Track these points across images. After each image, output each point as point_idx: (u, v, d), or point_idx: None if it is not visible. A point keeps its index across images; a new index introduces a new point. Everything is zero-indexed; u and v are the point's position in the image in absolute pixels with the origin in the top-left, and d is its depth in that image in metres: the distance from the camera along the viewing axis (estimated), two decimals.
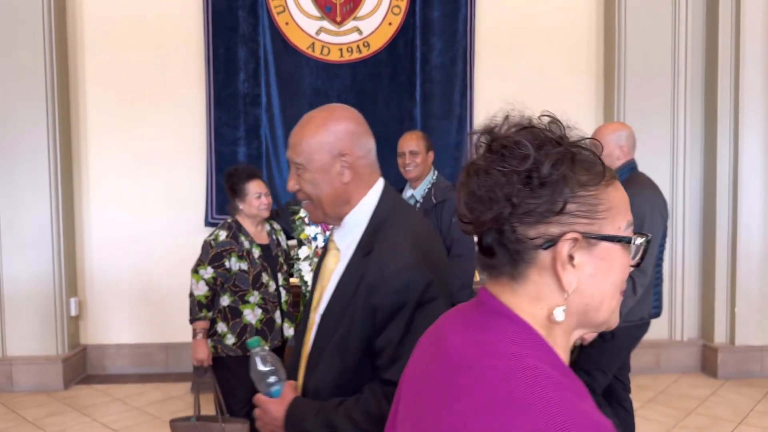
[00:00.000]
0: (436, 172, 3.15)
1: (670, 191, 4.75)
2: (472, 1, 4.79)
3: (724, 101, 4.65)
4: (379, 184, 1.47)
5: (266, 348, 1.45)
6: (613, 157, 2.73)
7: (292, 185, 1.45)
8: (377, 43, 4.80)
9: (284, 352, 3.10)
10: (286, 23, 4.76)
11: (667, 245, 4.76)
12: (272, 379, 1.44)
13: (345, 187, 1.41)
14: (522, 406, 0.70)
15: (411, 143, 3.06)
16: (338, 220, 1.46)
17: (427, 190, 3.06)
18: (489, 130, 0.87)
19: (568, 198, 0.78)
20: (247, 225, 2.94)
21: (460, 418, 0.74)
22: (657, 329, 4.81)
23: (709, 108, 4.78)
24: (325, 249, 1.53)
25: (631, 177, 2.69)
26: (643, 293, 2.54)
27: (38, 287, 4.53)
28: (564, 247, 0.79)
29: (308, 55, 4.78)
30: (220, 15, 4.70)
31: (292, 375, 1.50)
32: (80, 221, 4.84)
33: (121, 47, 4.77)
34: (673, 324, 4.81)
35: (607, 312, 0.84)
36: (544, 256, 0.80)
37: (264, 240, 3.00)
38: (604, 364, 2.63)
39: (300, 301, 3.12)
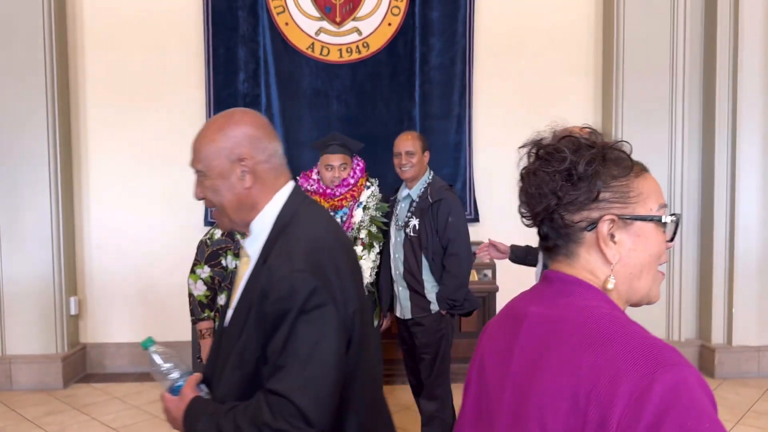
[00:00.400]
0: (431, 172, 3.16)
1: (667, 191, 4.77)
2: (472, 2, 4.80)
3: (722, 101, 4.66)
4: (287, 187, 1.44)
5: (161, 346, 1.45)
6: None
7: (197, 193, 1.44)
8: (377, 44, 4.82)
9: None
10: (286, 23, 4.78)
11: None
12: (174, 375, 1.43)
13: (248, 193, 1.39)
14: (632, 334, 0.92)
15: (407, 144, 3.07)
16: (245, 226, 1.43)
17: (423, 189, 3.07)
18: (536, 142, 1.06)
19: (602, 188, 0.99)
20: None
21: (600, 359, 0.88)
22: (655, 329, 4.83)
23: (707, 108, 4.79)
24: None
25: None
26: None
27: (38, 286, 4.54)
28: (603, 227, 0.99)
29: (308, 56, 4.79)
30: (220, 15, 4.71)
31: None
32: (80, 220, 4.86)
33: (121, 47, 4.79)
34: (670, 324, 4.82)
35: (648, 281, 1.03)
36: (589, 236, 1.01)
37: None
38: None
39: None
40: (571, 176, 0.99)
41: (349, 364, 1.34)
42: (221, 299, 2.85)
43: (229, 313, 1.44)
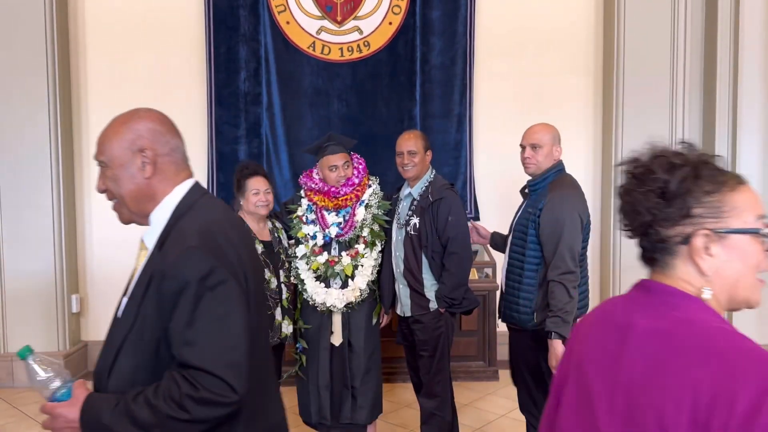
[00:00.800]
0: (433, 171, 3.17)
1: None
2: (472, 2, 4.81)
3: (722, 102, 4.67)
4: (187, 182, 1.47)
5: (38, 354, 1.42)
6: (551, 156, 2.74)
7: (99, 185, 1.48)
8: (377, 43, 4.83)
9: (284, 349, 3.13)
10: (287, 22, 4.79)
11: None
12: (56, 383, 1.37)
13: (147, 183, 1.42)
14: (744, 350, 0.96)
15: (409, 143, 3.08)
16: (144, 218, 1.46)
17: (424, 188, 3.08)
18: (632, 160, 1.15)
19: (694, 204, 1.04)
20: (249, 221, 2.96)
21: (717, 371, 0.92)
22: None
23: (707, 108, 4.80)
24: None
25: (559, 179, 2.69)
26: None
27: (40, 284, 4.56)
28: (697, 242, 1.04)
29: (309, 54, 4.80)
30: (221, 14, 4.72)
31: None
32: (82, 218, 4.87)
33: (123, 45, 4.80)
34: None
35: (746, 290, 1.08)
36: (684, 249, 1.06)
37: (266, 237, 3.02)
38: (543, 366, 2.66)
39: (297, 299, 3.14)
40: (664, 194, 1.06)
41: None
42: None
43: (124, 301, 1.45)
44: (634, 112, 4.73)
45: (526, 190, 2.79)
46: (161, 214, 1.43)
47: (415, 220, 3.01)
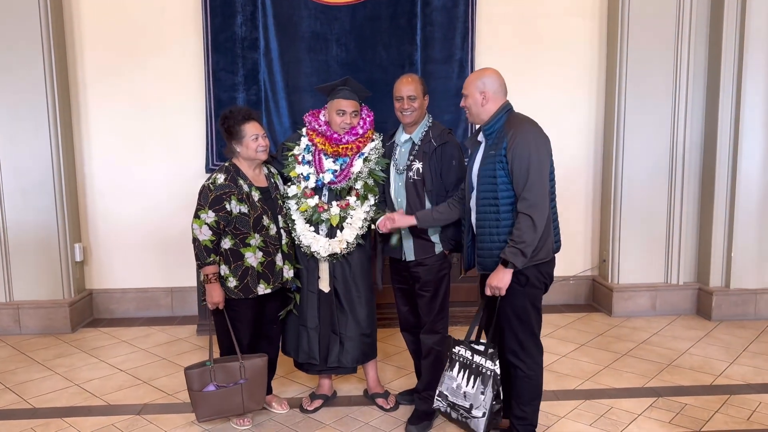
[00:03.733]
0: (430, 116, 3.14)
1: (670, 135, 4.74)
2: None
3: (728, 44, 4.58)
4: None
5: None
6: (478, 104, 2.69)
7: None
8: None
9: (284, 293, 3.16)
10: None
11: (666, 189, 4.79)
12: None
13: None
14: None
15: (409, 87, 3.03)
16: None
17: (424, 133, 3.05)
18: None
19: None
20: (245, 168, 2.93)
21: None
22: (653, 273, 4.89)
23: (712, 50, 4.71)
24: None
25: (509, 119, 2.67)
26: (545, 230, 2.59)
27: (42, 233, 4.58)
28: None
29: None
30: None
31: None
32: (81, 168, 4.85)
33: None
34: (669, 267, 4.87)
35: None
36: None
37: (263, 183, 3.00)
38: (528, 307, 2.69)
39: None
40: None
41: None
42: (225, 243, 2.86)
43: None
44: (639, 54, 4.64)
45: (479, 138, 2.77)
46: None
47: (418, 165, 3.00)
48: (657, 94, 4.69)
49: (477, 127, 2.80)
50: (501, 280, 2.57)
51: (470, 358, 2.71)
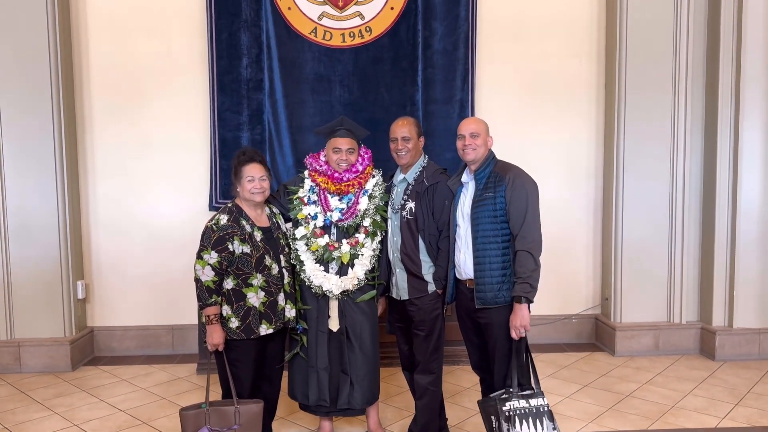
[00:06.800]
0: (426, 157, 3.22)
1: (670, 174, 4.78)
2: None
3: (725, 85, 4.65)
4: None
5: None
6: (486, 145, 2.99)
7: None
8: (379, 28, 4.81)
9: (286, 333, 3.16)
10: (289, 8, 4.77)
11: (667, 228, 4.81)
12: None
13: None
14: None
15: (403, 129, 3.13)
16: None
17: (418, 173, 3.13)
18: None
19: None
20: (247, 208, 2.97)
21: None
22: (656, 311, 4.87)
23: (710, 92, 4.78)
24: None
25: (502, 163, 2.97)
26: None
27: (45, 270, 4.59)
28: None
29: (311, 40, 4.79)
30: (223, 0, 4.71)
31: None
32: (86, 205, 4.90)
33: (125, 31, 4.79)
34: (671, 306, 4.86)
35: None
36: None
37: (264, 223, 3.03)
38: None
39: (295, 281, 3.16)
40: None
41: None
42: (227, 283, 2.88)
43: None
44: (637, 99, 4.71)
45: (462, 178, 3.02)
46: None
47: (411, 205, 3.07)
48: (656, 136, 4.74)
49: (465, 167, 3.05)
50: (523, 317, 2.74)
51: (527, 405, 2.71)
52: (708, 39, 4.79)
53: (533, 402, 2.70)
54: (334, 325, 3.15)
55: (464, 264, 2.90)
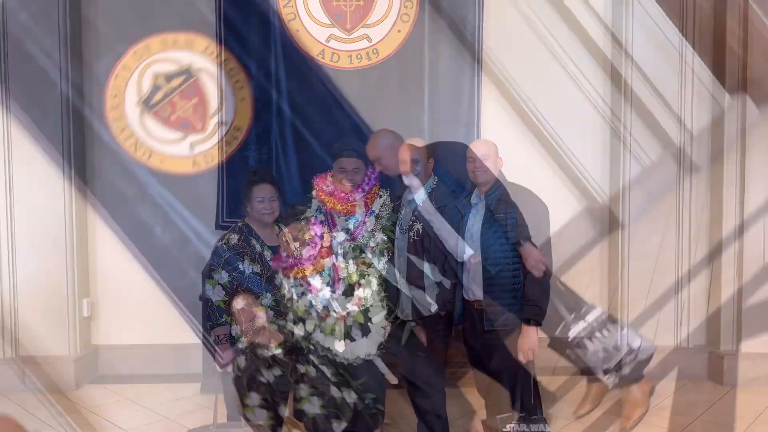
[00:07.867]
0: (436, 178, 3.23)
1: (677, 197, 4.77)
2: (481, 10, 4.83)
3: (730, 122, 4.65)
4: None
5: None
6: (497, 167, 3.06)
7: None
8: (386, 51, 4.86)
9: (293, 355, 3.14)
10: (297, 30, 4.83)
11: (674, 252, 4.79)
12: None
13: None
14: None
15: (414, 152, 3.15)
16: None
17: (427, 194, 3.15)
18: None
19: None
20: (257, 227, 2.99)
21: None
22: (663, 335, 4.83)
23: (716, 113, 4.80)
24: None
25: (511, 186, 3.06)
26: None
27: (51, 288, 4.60)
28: None
29: (319, 62, 4.84)
30: (232, 22, 4.77)
31: None
32: (93, 222, 4.91)
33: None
34: (679, 330, 4.82)
35: None
36: None
37: (274, 242, 3.05)
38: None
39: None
40: None
41: None
42: (237, 303, 2.88)
43: None
44: (643, 121, 4.74)
45: (472, 200, 3.07)
46: None
47: (418, 226, 3.08)
48: (662, 157, 4.75)
49: (474, 189, 3.11)
50: (532, 341, 2.78)
51: (527, 431, 2.73)
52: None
53: (534, 428, 2.70)
54: (339, 345, 3.13)
55: (473, 285, 2.91)
